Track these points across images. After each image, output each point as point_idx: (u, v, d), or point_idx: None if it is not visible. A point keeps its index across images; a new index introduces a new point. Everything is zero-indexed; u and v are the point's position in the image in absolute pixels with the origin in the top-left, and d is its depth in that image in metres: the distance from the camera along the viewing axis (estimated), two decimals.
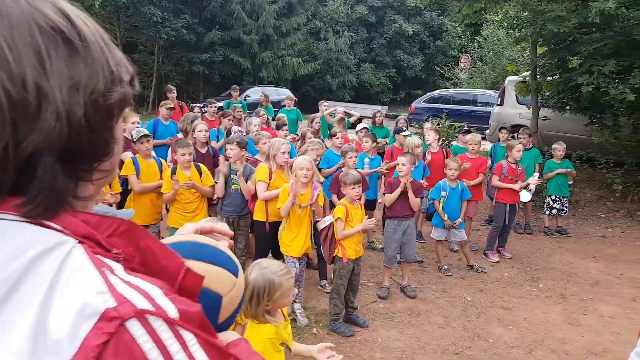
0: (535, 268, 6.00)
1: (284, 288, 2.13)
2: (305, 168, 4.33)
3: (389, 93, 32.61)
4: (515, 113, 11.11)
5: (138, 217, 4.92)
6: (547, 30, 7.72)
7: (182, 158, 4.77)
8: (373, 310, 4.81)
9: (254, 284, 2.11)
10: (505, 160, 6.48)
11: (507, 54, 19.77)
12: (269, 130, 7.55)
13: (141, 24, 23.77)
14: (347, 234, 4.30)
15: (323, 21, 30.28)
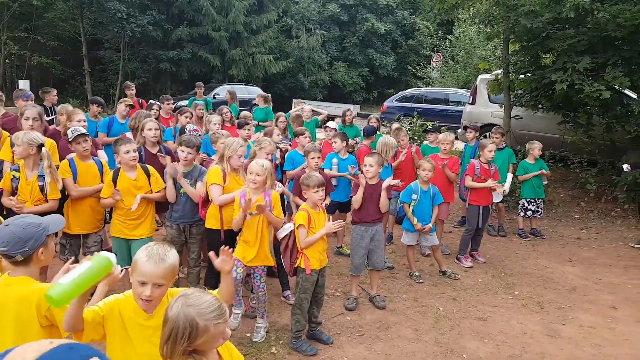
0: (510, 273, 5.71)
1: (209, 334, 1.67)
2: (255, 173, 3.90)
3: (362, 92, 32.41)
4: (487, 112, 10.90)
5: (76, 226, 4.43)
6: (520, 26, 7.48)
7: (125, 157, 4.24)
8: (339, 324, 4.41)
9: (172, 321, 1.66)
10: (478, 160, 6.19)
11: (479, 52, 19.73)
12: (232, 129, 7.08)
13: (106, 20, 22.86)
14: (310, 241, 3.88)
15: (294, 19, 29.84)
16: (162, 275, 2.02)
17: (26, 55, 22.45)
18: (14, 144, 4.10)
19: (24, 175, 4.01)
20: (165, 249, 2.08)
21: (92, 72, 24.31)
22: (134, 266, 2.06)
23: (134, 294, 2.09)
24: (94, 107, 7.09)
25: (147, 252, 2.04)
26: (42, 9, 21.81)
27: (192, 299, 1.70)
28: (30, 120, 4.82)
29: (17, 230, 2.14)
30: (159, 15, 24.32)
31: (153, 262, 2.01)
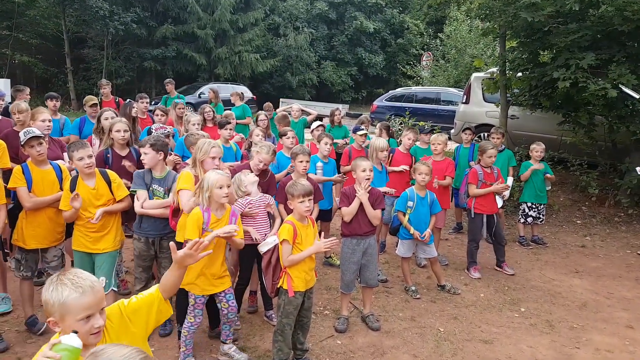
0: (514, 287, 5.27)
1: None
2: (226, 185, 3.39)
3: (351, 92, 32.04)
4: (481, 112, 10.49)
5: (33, 239, 3.91)
6: (520, 20, 7.06)
7: (79, 164, 3.68)
8: (328, 349, 3.93)
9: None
10: (479, 165, 5.74)
11: (471, 51, 19.40)
12: (214, 129, 6.58)
13: (89, 17, 22.17)
14: (295, 259, 3.40)
15: (282, 17, 29.37)
16: (102, 298, 1.77)
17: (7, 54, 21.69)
18: None
19: None
20: (78, 273, 1.77)
21: (76, 70, 23.62)
22: (64, 310, 1.68)
23: (81, 336, 1.65)
24: (50, 103, 6.54)
25: (73, 289, 1.70)
26: (23, 6, 21.08)
27: (108, 351, 1.31)
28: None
29: None
30: (143, 13, 23.73)
31: (90, 293, 1.72)
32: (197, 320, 3.51)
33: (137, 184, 3.90)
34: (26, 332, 3.93)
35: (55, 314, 1.68)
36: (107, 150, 4.58)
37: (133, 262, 4.11)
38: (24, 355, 3.62)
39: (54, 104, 6.63)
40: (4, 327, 3.98)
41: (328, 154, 5.55)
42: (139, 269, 3.98)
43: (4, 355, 3.61)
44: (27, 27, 22.49)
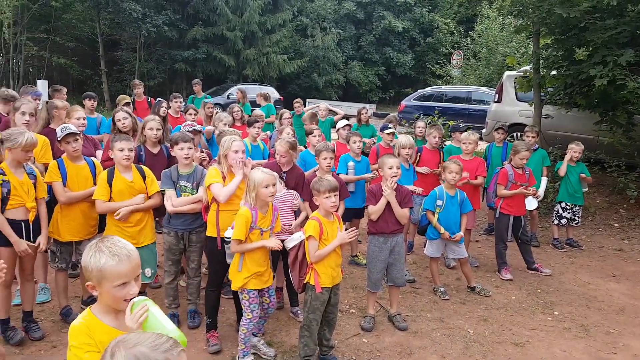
0: (547, 290, 5.12)
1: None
2: (272, 184, 3.40)
3: (378, 92, 31.86)
4: (514, 111, 10.25)
5: (67, 232, 4.01)
6: (554, 16, 6.87)
7: (118, 154, 3.80)
8: (354, 347, 3.89)
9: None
10: (509, 165, 5.59)
11: (503, 49, 19.00)
12: (242, 128, 6.64)
13: (122, 20, 22.78)
14: (321, 254, 3.38)
15: (309, 17, 29.45)
16: (137, 267, 1.82)
17: (45, 56, 22.49)
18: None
19: (14, 178, 3.58)
20: (116, 241, 1.81)
21: (110, 72, 24.29)
22: (101, 276, 1.75)
23: (114, 302, 1.78)
24: (88, 102, 6.73)
25: (109, 255, 1.76)
26: (60, 10, 21.85)
27: (133, 339, 1.28)
28: (26, 116, 4.45)
29: None
30: (174, 15, 24.20)
31: (126, 260, 1.77)
32: (254, 314, 3.51)
33: (165, 182, 3.95)
34: (61, 322, 4.04)
35: (93, 279, 1.75)
36: (140, 148, 4.66)
37: (163, 256, 4.16)
38: (59, 344, 3.72)
39: (92, 104, 6.82)
40: (40, 316, 4.10)
41: (359, 151, 5.51)
42: (169, 262, 4.04)
43: (40, 343, 3.71)
44: (64, 30, 23.29)
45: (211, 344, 3.74)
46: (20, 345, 3.63)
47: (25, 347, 3.64)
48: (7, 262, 3.63)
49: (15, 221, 3.59)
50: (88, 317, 1.81)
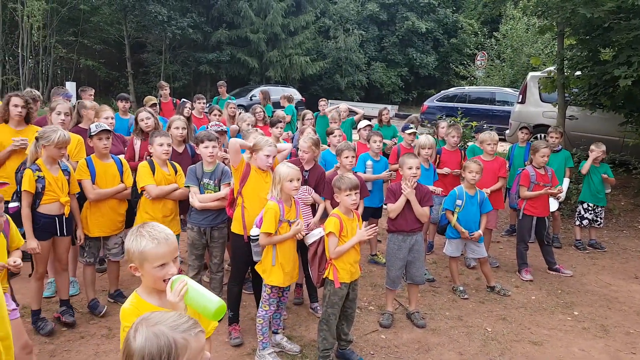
0: (567, 290, 5.09)
1: (191, 350, 1.31)
2: (296, 179, 3.51)
3: (401, 93, 31.74)
4: (538, 112, 10.15)
5: (96, 228, 4.19)
6: (578, 16, 6.79)
7: (159, 149, 4.15)
8: (372, 343, 3.96)
9: (144, 350, 1.28)
10: (531, 166, 5.57)
11: (528, 50, 18.76)
12: (265, 128, 6.78)
13: (148, 23, 23.28)
14: (341, 251, 3.46)
15: (332, 19, 29.55)
16: (175, 249, 1.95)
17: (73, 58, 23.15)
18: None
19: (49, 174, 3.77)
20: (155, 226, 1.96)
21: (136, 74, 24.84)
22: (142, 258, 1.89)
23: (155, 282, 1.91)
24: (121, 104, 6.96)
25: (149, 239, 1.90)
26: (88, 14, 22.47)
27: (155, 318, 1.36)
28: (62, 115, 4.65)
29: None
30: (199, 18, 24.60)
31: (164, 243, 1.90)
32: (271, 308, 3.65)
33: (190, 179, 4.10)
34: (89, 314, 4.22)
35: (135, 261, 1.89)
36: None
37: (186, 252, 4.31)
38: (86, 335, 3.90)
39: (124, 105, 7.04)
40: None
41: (379, 151, 5.57)
42: (192, 257, 4.18)
43: (69, 332, 3.89)
44: (92, 33, 23.95)
45: (233, 337, 3.86)
46: (50, 336, 3.80)
47: (55, 337, 3.81)
48: (43, 255, 3.84)
49: (49, 216, 3.77)
50: (135, 299, 1.95)
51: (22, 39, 19.33)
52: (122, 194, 4.25)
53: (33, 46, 20.06)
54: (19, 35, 19.48)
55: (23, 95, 4.62)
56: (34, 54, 20.35)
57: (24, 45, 19.39)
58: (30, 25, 18.91)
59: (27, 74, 19.52)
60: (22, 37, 19.30)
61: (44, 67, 21.97)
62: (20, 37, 19.39)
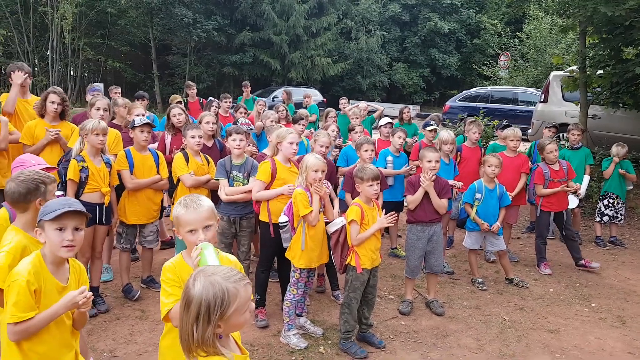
0: (585, 284, 5.17)
1: (240, 298, 1.54)
2: (321, 170, 3.71)
3: (423, 93, 31.67)
4: (560, 111, 10.14)
5: (133, 216, 4.48)
6: (599, 15, 6.84)
7: (192, 141, 4.48)
8: (392, 328, 4.13)
9: (201, 296, 1.51)
10: (544, 163, 5.63)
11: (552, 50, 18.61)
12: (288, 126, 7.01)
13: (174, 25, 23.82)
14: (362, 238, 3.64)
15: (354, 20, 29.68)
16: (206, 217, 2.15)
17: (101, 60, 23.85)
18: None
19: (92, 165, 4.06)
20: (193, 196, 2.21)
21: (161, 76, 25.42)
22: (177, 222, 2.17)
23: (189, 246, 2.15)
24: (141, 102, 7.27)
25: (183, 205, 2.16)
26: (115, 17, 23.12)
27: (210, 270, 1.60)
28: (100, 110, 4.91)
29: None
30: (223, 21, 25.02)
31: (193, 210, 2.12)
32: (299, 292, 3.86)
33: (219, 172, 4.34)
34: (123, 298, 4.50)
35: (175, 226, 2.18)
36: None
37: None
38: (122, 316, 4.17)
39: (143, 104, 7.35)
40: (105, 292, 4.56)
41: (400, 147, 5.72)
42: (222, 245, 4.39)
43: (106, 315, 4.16)
44: (119, 35, 24.62)
45: (259, 319, 4.08)
46: (90, 317, 4.09)
47: (94, 319, 4.07)
48: (85, 241, 4.12)
49: (91, 204, 4.04)
50: (178, 259, 2.21)
51: (52, 42, 20.00)
52: (158, 185, 4.54)
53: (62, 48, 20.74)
54: (48, 38, 20.17)
55: (60, 92, 4.94)
56: (63, 56, 21.03)
57: (54, 47, 20.07)
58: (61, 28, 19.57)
59: (57, 75, 20.20)
60: (52, 39, 19.97)
61: (72, 69, 22.71)
62: (50, 39, 20.08)
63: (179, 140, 5.30)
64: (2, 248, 2.38)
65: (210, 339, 1.52)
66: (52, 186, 2.54)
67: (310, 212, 3.65)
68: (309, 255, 3.76)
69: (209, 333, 1.51)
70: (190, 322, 1.52)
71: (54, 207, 2.09)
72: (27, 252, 2.30)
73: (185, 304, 1.54)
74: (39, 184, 2.48)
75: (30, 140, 4.67)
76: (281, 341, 3.81)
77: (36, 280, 2.06)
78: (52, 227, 2.07)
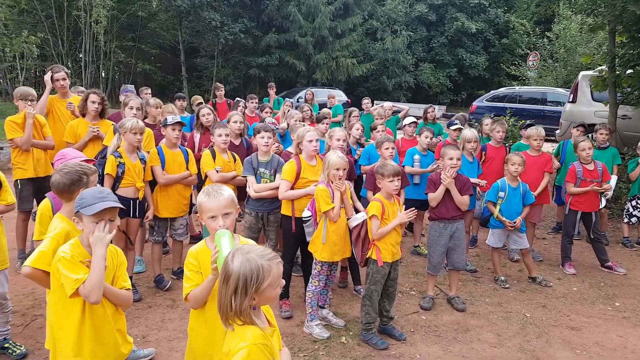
0: (610, 284, 5.13)
1: (273, 274, 1.72)
2: (342, 168, 3.83)
3: (449, 94, 31.39)
4: (589, 111, 9.98)
5: (165, 210, 4.70)
6: (628, 14, 6.74)
7: (219, 139, 4.68)
8: (413, 322, 4.22)
9: (239, 271, 1.70)
10: (578, 162, 5.61)
11: (582, 50, 18.23)
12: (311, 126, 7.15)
13: (202, 28, 24.31)
14: (383, 232, 3.74)
15: (380, 21, 29.64)
16: (225, 205, 2.31)
17: (131, 63, 24.54)
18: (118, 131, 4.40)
19: (128, 161, 4.29)
20: (216, 185, 2.39)
21: (189, 78, 25.97)
22: (200, 209, 2.36)
23: (211, 232, 2.32)
24: (178, 102, 7.55)
25: (205, 193, 2.35)
26: (146, 20, 23.75)
27: (247, 248, 1.78)
28: (134, 110, 5.14)
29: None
30: (250, 23, 25.39)
31: (214, 198, 2.30)
32: (320, 284, 4.01)
33: (247, 169, 4.50)
34: (155, 288, 4.72)
35: (199, 213, 2.37)
36: None
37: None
38: (154, 305, 4.38)
39: (181, 104, 7.65)
40: (138, 283, 4.78)
41: (426, 146, 5.78)
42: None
43: (139, 304, 4.36)
44: (149, 38, 25.29)
45: (283, 310, 4.22)
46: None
47: None
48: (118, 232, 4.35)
49: (126, 198, 4.26)
50: (202, 245, 2.38)
51: (85, 45, 20.69)
52: (188, 180, 4.75)
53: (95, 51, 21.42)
54: (81, 41, 20.86)
55: (100, 93, 5.21)
56: (95, 59, 21.71)
57: (87, 50, 20.75)
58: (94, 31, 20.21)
59: (89, 77, 20.87)
60: (84, 42, 20.65)
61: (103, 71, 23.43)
62: (83, 42, 20.77)
63: (207, 139, 5.50)
64: (47, 234, 2.58)
65: (247, 310, 1.71)
66: (93, 177, 2.73)
67: (331, 209, 3.77)
68: (331, 249, 3.88)
69: (245, 304, 1.70)
70: (229, 294, 1.70)
71: (90, 200, 2.24)
72: (70, 238, 2.48)
73: (224, 278, 1.73)
74: (81, 175, 2.67)
75: (73, 138, 4.97)
76: (304, 331, 3.94)
77: (77, 257, 2.24)
78: (90, 219, 2.24)
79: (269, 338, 1.78)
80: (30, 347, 3.57)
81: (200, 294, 2.25)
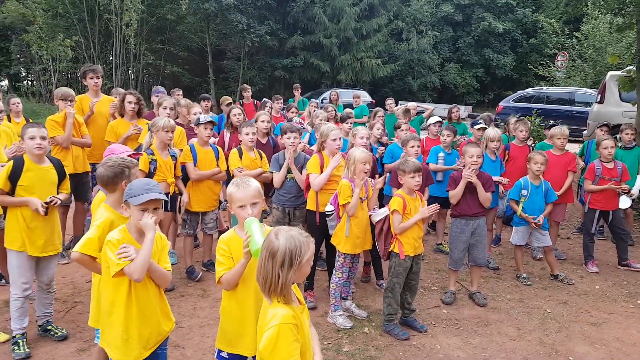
0: (633, 282, 5.13)
1: (309, 250, 1.93)
2: (368, 162, 3.98)
3: (476, 94, 31.07)
4: (617, 111, 9.88)
5: (196, 204, 4.94)
6: None
7: (246, 138, 4.89)
8: (434, 316, 4.33)
9: (286, 246, 1.88)
10: (598, 160, 5.62)
11: (611, 50, 17.87)
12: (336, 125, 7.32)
13: (229, 31, 24.76)
14: (404, 227, 3.87)
15: (405, 21, 29.57)
16: (253, 196, 2.49)
17: (160, 65, 25.17)
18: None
19: (160, 158, 4.54)
20: (246, 177, 2.60)
21: (216, 80, 26.46)
22: (230, 199, 2.54)
23: (240, 221, 2.52)
24: (203, 103, 7.78)
25: (235, 184, 2.53)
26: (174, 23, 24.33)
27: (286, 229, 1.98)
28: (167, 109, 5.38)
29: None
30: (276, 25, 25.73)
31: (243, 188, 2.49)
32: (344, 275, 4.18)
33: (274, 166, 4.70)
34: (186, 279, 4.96)
35: (229, 203, 2.55)
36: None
37: None
38: (185, 294, 4.61)
39: (206, 104, 7.90)
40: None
41: (448, 144, 5.87)
42: None
43: (171, 293, 4.59)
44: (177, 41, 25.88)
45: (308, 301, 4.39)
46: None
47: None
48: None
49: None
50: (231, 233, 2.57)
51: (116, 47, 21.34)
52: (218, 176, 4.98)
53: (125, 53, 22.08)
54: (112, 43, 21.52)
55: (135, 93, 5.49)
56: (125, 61, 22.36)
57: (117, 53, 21.40)
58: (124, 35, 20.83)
59: (120, 79, 21.52)
60: (115, 45, 21.31)
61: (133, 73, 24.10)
62: (114, 45, 21.43)
63: (236, 138, 5.72)
64: (93, 222, 2.82)
65: (289, 283, 1.90)
66: (134, 170, 2.96)
67: (347, 203, 3.93)
68: (354, 242, 4.03)
69: (290, 276, 1.89)
70: (277, 267, 1.89)
71: (138, 191, 2.45)
72: (114, 226, 2.69)
73: (269, 254, 1.91)
74: (123, 168, 2.90)
75: (114, 137, 5.25)
76: (328, 321, 4.11)
77: (123, 241, 2.45)
78: (136, 208, 2.45)
79: (299, 316, 1.95)
80: (71, 330, 3.82)
81: (232, 277, 2.43)
